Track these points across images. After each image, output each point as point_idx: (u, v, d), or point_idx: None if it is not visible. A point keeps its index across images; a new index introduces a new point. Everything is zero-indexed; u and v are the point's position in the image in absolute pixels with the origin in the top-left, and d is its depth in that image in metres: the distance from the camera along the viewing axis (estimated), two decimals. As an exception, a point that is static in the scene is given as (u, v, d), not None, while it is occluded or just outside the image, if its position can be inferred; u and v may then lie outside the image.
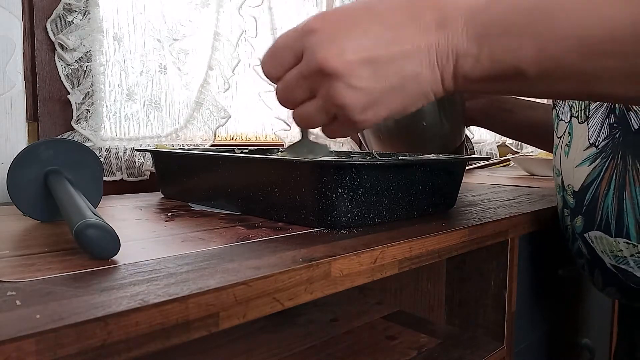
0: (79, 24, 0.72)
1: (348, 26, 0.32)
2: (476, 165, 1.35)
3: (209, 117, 0.90)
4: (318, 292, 0.34)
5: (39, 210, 0.46)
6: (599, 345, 0.86)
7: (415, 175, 0.51)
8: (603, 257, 0.53)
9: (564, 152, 0.58)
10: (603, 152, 0.51)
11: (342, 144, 1.14)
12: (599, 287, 0.58)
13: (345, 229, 0.45)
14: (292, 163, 0.48)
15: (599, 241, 0.53)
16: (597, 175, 0.52)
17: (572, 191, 0.56)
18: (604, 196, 0.51)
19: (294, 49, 0.34)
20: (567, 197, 0.57)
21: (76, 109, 0.72)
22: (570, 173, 0.56)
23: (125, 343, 0.23)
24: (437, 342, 0.58)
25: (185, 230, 0.44)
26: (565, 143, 0.58)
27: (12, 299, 0.25)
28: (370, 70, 0.31)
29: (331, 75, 0.31)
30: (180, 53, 0.86)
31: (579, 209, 0.55)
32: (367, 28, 0.32)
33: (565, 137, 0.58)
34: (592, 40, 0.27)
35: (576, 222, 0.56)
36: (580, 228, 0.55)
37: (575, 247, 0.58)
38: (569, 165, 0.56)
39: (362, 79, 0.31)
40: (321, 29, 0.32)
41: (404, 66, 0.31)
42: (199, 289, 0.27)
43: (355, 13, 0.32)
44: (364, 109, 0.32)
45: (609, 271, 0.53)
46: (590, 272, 0.57)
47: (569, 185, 0.56)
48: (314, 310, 0.67)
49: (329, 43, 0.31)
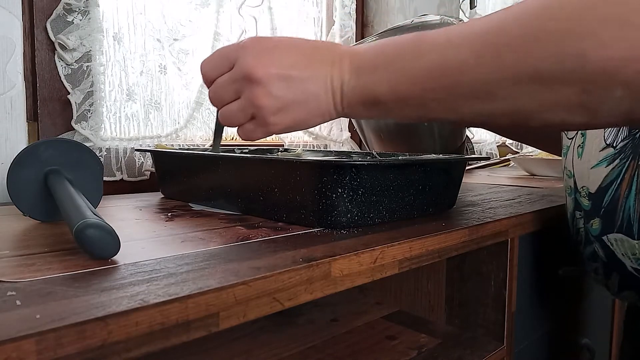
0: (79, 24, 0.72)
1: (274, 49, 0.41)
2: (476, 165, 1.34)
3: (209, 117, 0.90)
4: (318, 292, 0.34)
5: (39, 210, 0.46)
6: (599, 345, 0.86)
7: (415, 175, 0.51)
8: (624, 260, 0.52)
9: (577, 154, 0.57)
10: (622, 153, 0.51)
11: (342, 144, 1.14)
12: (614, 290, 0.57)
13: (345, 229, 0.45)
14: (292, 163, 0.48)
15: (619, 244, 0.52)
16: (616, 177, 0.52)
17: (588, 193, 0.55)
18: (624, 198, 0.51)
19: (229, 58, 0.42)
20: (581, 199, 0.56)
21: (76, 109, 0.72)
22: (585, 174, 0.55)
23: (125, 343, 0.23)
24: (437, 342, 0.58)
25: (185, 230, 0.44)
26: (578, 144, 0.57)
27: (12, 299, 0.25)
28: (285, 83, 0.40)
29: (254, 81, 0.40)
30: (180, 53, 0.86)
31: (595, 211, 0.54)
32: (288, 53, 0.41)
33: (577, 138, 0.58)
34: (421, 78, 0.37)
35: (592, 225, 0.55)
36: (598, 230, 0.54)
37: (588, 250, 0.57)
38: (583, 166, 0.56)
39: (278, 89, 0.40)
40: (253, 47, 0.41)
41: (309, 87, 0.41)
42: (199, 289, 0.27)
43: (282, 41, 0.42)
44: (275, 112, 0.41)
45: (628, 274, 0.53)
46: (605, 276, 0.57)
47: (584, 187, 0.56)
48: (314, 310, 0.67)
49: (258, 57, 0.40)
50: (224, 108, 0.44)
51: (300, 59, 0.41)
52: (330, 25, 1.14)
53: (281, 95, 0.40)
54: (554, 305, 0.73)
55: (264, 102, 0.40)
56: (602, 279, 0.58)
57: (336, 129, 1.14)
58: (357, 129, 0.81)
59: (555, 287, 0.72)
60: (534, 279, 0.66)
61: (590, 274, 0.60)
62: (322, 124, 1.14)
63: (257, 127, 0.43)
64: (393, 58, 0.39)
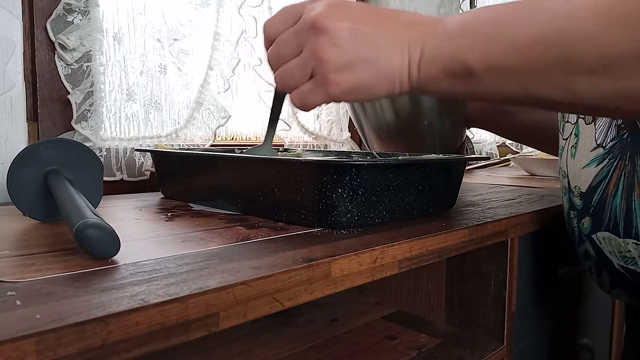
0: (79, 24, 0.72)
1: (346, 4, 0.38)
2: (476, 165, 1.35)
3: (209, 117, 0.90)
4: (318, 292, 0.34)
5: (39, 210, 0.46)
6: (599, 345, 0.86)
7: (415, 175, 0.51)
8: (611, 258, 0.53)
9: (570, 154, 0.58)
10: (611, 153, 0.51)
11: (342, 144, 1.14)
12: (605, 288, 0.58)
13: (345, 229, 0.45)
14: (292, 163, 0.48)
15: (607, 242, 0.53)
16: (604, 176, 0.52)
17: (579, 192, 0.56)
18: (612, 197, 0.51)
19: (295, 13, 0.39)
20: (574, 198, 0.57)
21: (76, 109, 0.72)
22: (577, 174, 0.56)
23: (125, 343, 0.23)
24: (437, 342, 0.58)
25: (185, 230, 0.44)
26: (572, 144, 0.57)
27: (12, 299, 0.25)
28: (354, 36, 0.36)
29: (320, 30, 0.36)
30: (180, 53, 0.86)
31: (586, 210, 0.55)
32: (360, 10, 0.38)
33: (571, 138, 0.58)
34: (526, 45, 0.32)
35: (583, 224, 0.56)
36: (588, 229, 0.55)
37: (582, 249, 0.58)
38: (575, 166, 0.56)
39: (344, 40, 0.36)
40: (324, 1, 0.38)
41: (382, 43, 0.36)
42: (199, 289, 0.27)
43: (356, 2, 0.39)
44: (339, 68, 0.36)
45: (616, 272, 0.53)
46: (597, 274, 0.57)
47: (576, 186, 0.56)
48: (314, 310, 0.67)
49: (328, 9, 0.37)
50: (282, 67, 0.40)
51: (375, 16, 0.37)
52: (330, 25, 1.14)
53: (348, 47, 0.36)
54: (554, 305, 0.73)
55: (328, 54, 0.36)
56: (595, 278, 0.59)
57: (336, 129, 1.14)
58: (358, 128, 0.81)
59: (555, 287, 0.72)
60: (534, 279, 0.66)
61: (586, 272, 0.61)
62: (322, 124, 1.14)
63: (316, 87, 0.38)
64: (490, 23, 0.34)
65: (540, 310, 0.69)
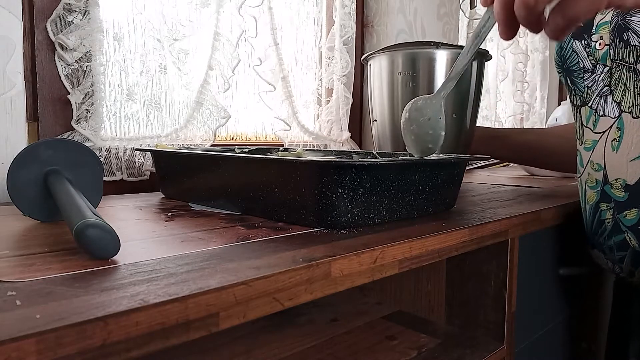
0: (79, 24, 0.72)
1: None
2: (476, 165, 1.35)
3: (209, 117, 0.90)
4: (318, 292, 0.34)
5: (39, 210, 0.46)
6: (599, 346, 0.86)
7: (415, 175, 0.51)
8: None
9: (611, 147, 0.59)
10: None
11: (342, 144, 1.14)
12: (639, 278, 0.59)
13: (345, 229, 0.45)
14: (292, 163, 0.48)
15: None
16: None
17: (624, 185, 0.58)
18: None
19: None
20: (614, 191, 0.59)
21: (76, 109, 0.72)
22: (623, 167, 0.57)
23: (125, 343, 0.23)
24: (437, 342, 0.58)
25: (185, 230, 0.44)
26: (613, 138, 0.59)
27: (12, 299, 0.25)
28: None
29: None
30: (180, 53, 0.86)
31: (633, 202, 0.57)
32: None
33: (612, 132, 0.59)
34: None
35: (626, 216, 0.58)
36: (634, 221, 0.57)
37: (616, 239, 0.59)
38: (620, 159, 0.58)
39: None
40: None
41: None
42: (199, 289, 0.27)
43: None
44: None
45: None
46: (633, 264, 0.59)
47: (618, 179, 0.58)
48: (314, 310, 0.67)
49: None
50: None
51: None
52: (330, 25, 1.14)
53: None
54: (554, 305, 0.73)
55: None
56: (629, 267, 0.60)
57: (336, 129, 1.14)
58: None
59: (555, 287, 0.72)
60: (534, 279, 0.66)
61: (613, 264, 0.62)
62: (322, 124, 1.14)
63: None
64: None
65: (540, 310, 0.69)
